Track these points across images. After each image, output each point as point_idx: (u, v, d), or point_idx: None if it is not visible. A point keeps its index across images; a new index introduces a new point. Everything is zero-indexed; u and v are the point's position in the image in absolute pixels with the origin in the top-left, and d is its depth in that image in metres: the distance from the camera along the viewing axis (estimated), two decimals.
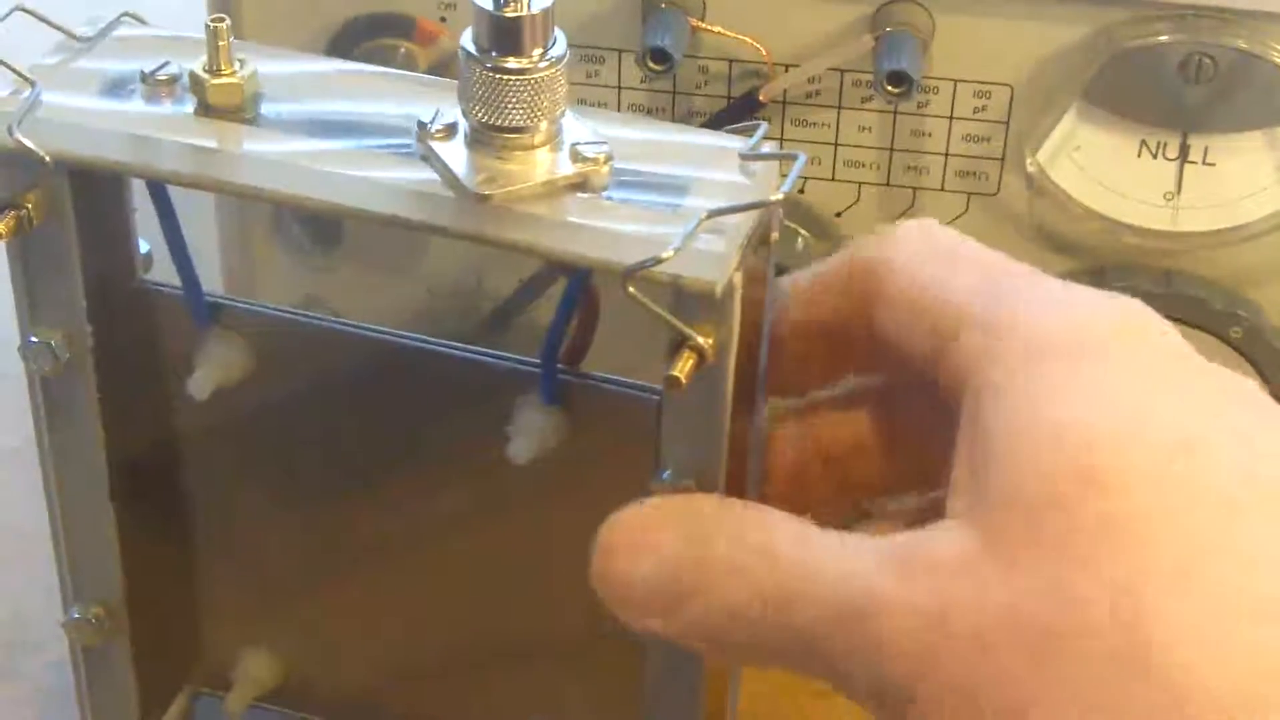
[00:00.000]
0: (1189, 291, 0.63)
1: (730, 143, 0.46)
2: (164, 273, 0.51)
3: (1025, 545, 0.37)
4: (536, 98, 0.44)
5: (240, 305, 0.51)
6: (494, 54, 0.44)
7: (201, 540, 0.55)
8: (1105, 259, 0.64)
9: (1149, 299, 0.62)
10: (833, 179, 0.64)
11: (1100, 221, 0.63)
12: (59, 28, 0.48)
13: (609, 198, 0.44)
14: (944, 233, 0.45)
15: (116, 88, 0.47)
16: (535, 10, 0.44)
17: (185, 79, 0.47)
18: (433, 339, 0.51)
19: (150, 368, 0.52)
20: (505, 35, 0.44)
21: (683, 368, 0.42)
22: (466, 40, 0.45)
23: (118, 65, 0.48)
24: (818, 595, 0.39)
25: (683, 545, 0.42)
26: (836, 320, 0.46)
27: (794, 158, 0.45)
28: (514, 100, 0.44)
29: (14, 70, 0.46)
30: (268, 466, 0.54)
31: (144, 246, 0.51)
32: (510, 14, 0.44)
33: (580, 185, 0.45)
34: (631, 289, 0.42)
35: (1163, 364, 0.40)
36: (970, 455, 0.40)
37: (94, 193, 0.48)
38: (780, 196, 0.44)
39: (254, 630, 0.57)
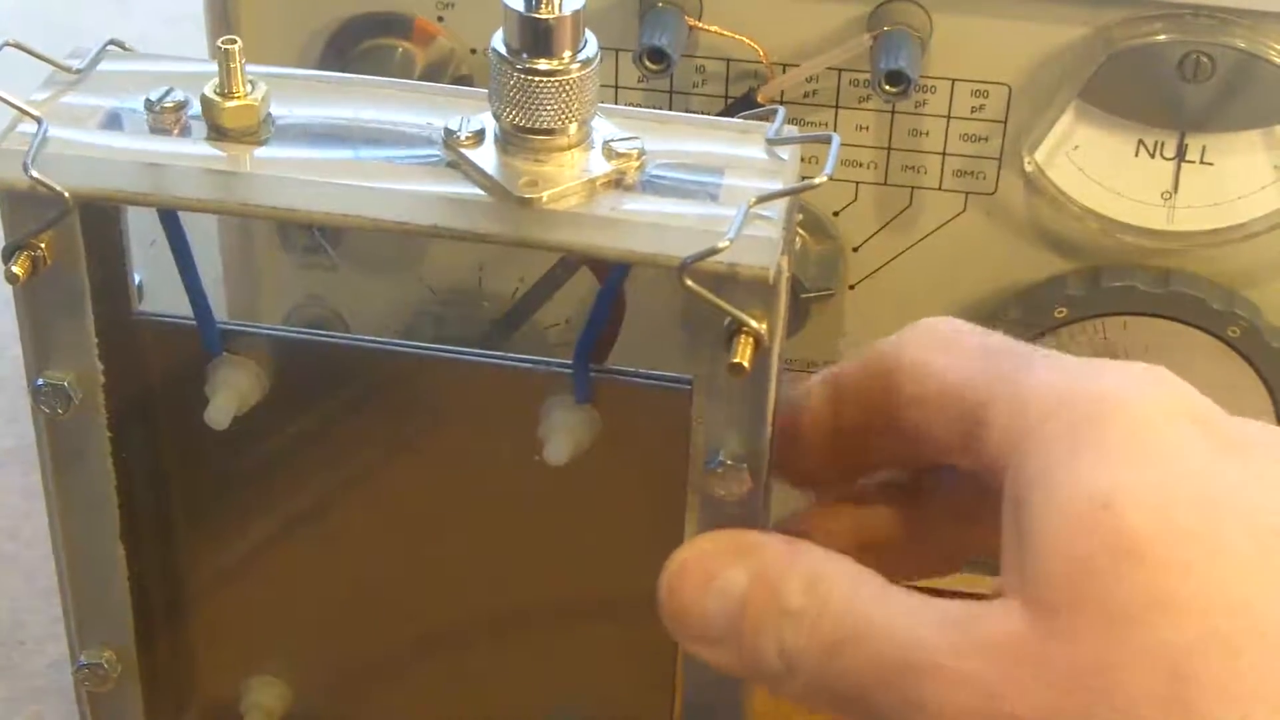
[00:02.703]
0: (1187, 291, 0.63)
1: (750, 129, 0.47)
2: (155, 303, 0.51)
3: (1068, 623, 0.38)
4: (570, 99, 0.45)
5: (253, 330, 0.51)
6: (525, 56, 0.44)
7: (209, 571, 0.55)
8: (1103, 258, 0.64)
9: (1146, 298, 0.63)
10: (830, 178, 0.64)
11: (1098, 221, 0.63)
12: (49, 60, 0.48)
13: (646, 192, 0.45)
14: (943, 324, 0.46)
15: (120, 118, 0.47)
16: (567, 12, 0.44)
17: (191, 105, 0.47)
18: (450, 347, 0.51)
19: (155, 401, 0.51)
20: (538, 37, 0.44)
21: (744, 354, 0.43)
22: (497, 42, 0.45)
23: (116, 95, 0.47)
24: (874, 648, 0.40)
25: (750, 584, 0.43)
26: (858, 424, 0.47)
27: (828, 139, 0.46)
28: (548, 102, 0.44)
29: (17, 106, 0.46)
30: (284, 490, 0.53)
31: (136, 278, 0.51)
32: (543, 15, 0.44)
33: (617, 182, 0.45)
34: (689, 281, 0.42)
35: (1190, 428, 0.40)
36: (1013, 534, 0.40)
37: (97, 227, 0.47)
38: (824, 179, 0.44)
39: (262, 659, 0.56)
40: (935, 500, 0.48)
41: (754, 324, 0.43)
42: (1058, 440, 0.40)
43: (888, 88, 0.59)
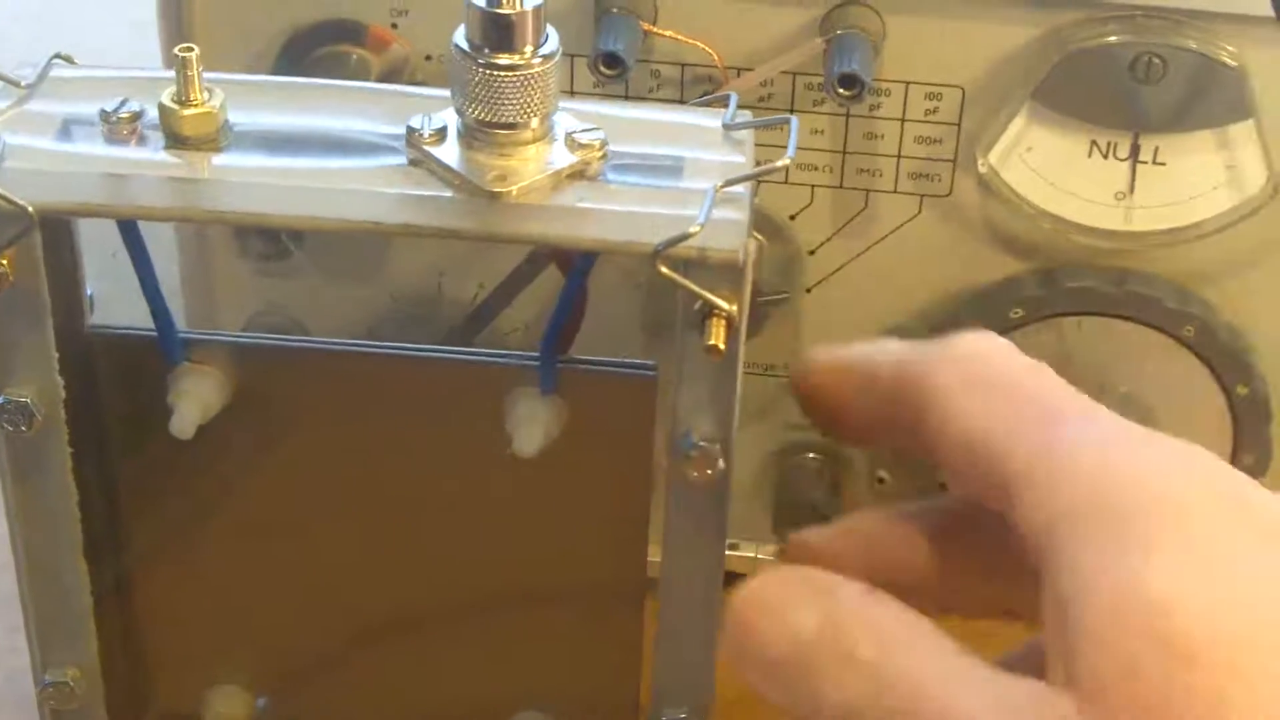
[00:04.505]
0: (1142, 290, 0.63)
1: (705, 117, 0.48)
2: (106, 315, 0.51)
3: None
4: (533, 93, 0.45)
5: (215, 338, 0.51)
6: (488, 51, 0.44)
7: (168, 583, 0.55)
8: (1058, 259, 0.64)
9: (1101, 298, 0.63)
10: (786, 182, 0.64)
11: (1052, 222, 0.63)
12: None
13: (611, 181, 0.45)
14: (978, 351, 0.45)
15: (74, 130, 0.47)
16: (528, 7, 0.44)
17: (147, 114, 0.47)
18: (411, 345, 0.51)
19: (111, 414, 0.51)
20: (500, 32, 0.44)
21: (719, 335, 0.44)
22: (459, 38, 0.45)
23: (68, 107, 0.47)
24: (927, 714, 0.40)
25: (820, 625, 0.42)
26: (878, 419, 0.46)
27: (786, 122, 0.46)
28: (511, 96, 0.45)
29: None
30: (247, 498, 0.53)
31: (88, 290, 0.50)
32: (504, 10, 0.44)
33: (581, 173, 0.46)
34: (663, 267, 0.43)
35: (1233, 517, 0.40)
36: (1058, 626, 0.39)
37: (51, 240, 0.47)
38: (787, 161, 0.45)
39: (224, 668, 0.56)
40: (958, 543, 0.47)
41: (726, 306, 0.44)
42: (1101, 534, 0.39)
43: (841, 91, 0.60)
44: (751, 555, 0.71)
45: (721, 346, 0.44)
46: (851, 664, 0.41)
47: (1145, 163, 0.62)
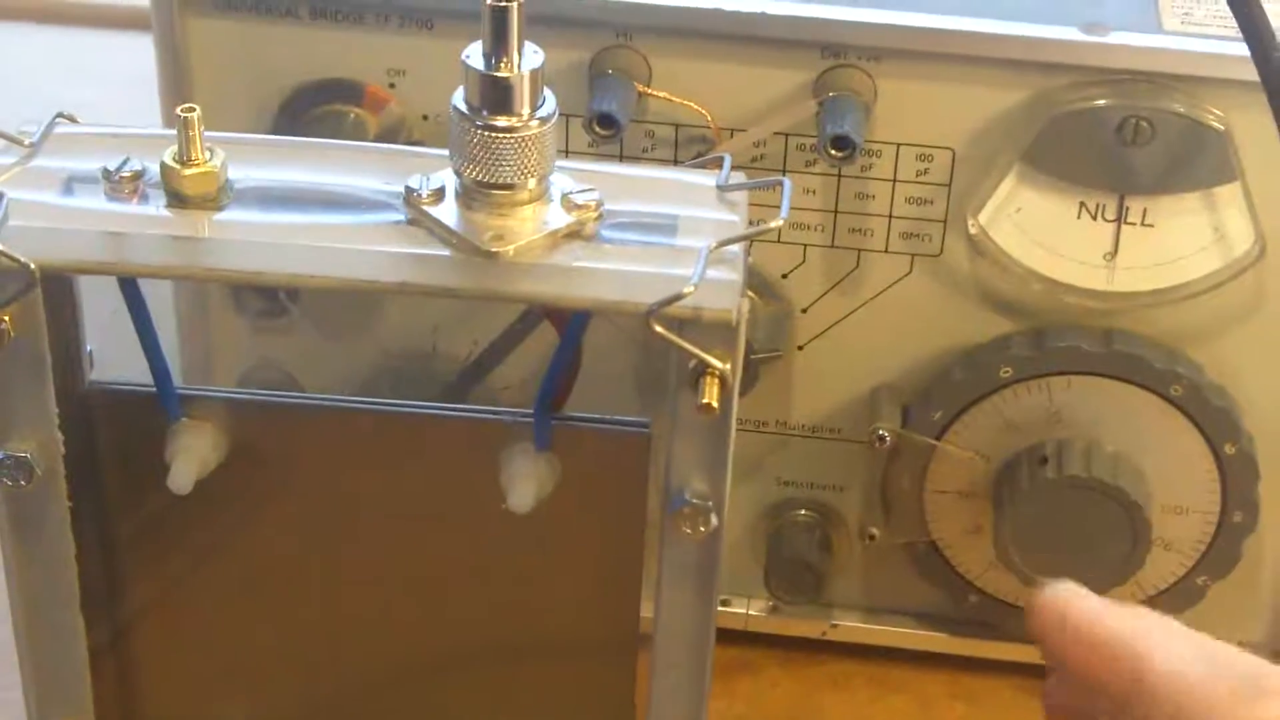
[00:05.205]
0: (1129, 350, 0.64)
1: (699, 178, 0.48)
2: (103, 372, 0.51)
3: None
4: (529, 154, 0.46)
5: (212, 394, 0.52)
6: (486, 113, 0.45)
7: (164, 635, 0.55)
8: (1047, 319, 0.65)
9: (1090, 358, 0.64)
10: (779, 241, 0.65)
11: (1041, 282, 0.64)
12: (3, 134, 0.48)
13: (607, 241, 0.46)
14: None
15: (77, 188, 0.47)
16: (526, 70, 0.45)
17: (149, 173, 0.47)
18: (405, 402, 0.51)
19: (108, 469, 0.52)
20: (498, 94, 0.45)
21: (712, 394, 0.44)
22: (458, 100, 0.46)
23: (72, 165, 0.48)
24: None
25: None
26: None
27: (779, 183, 0.47)
28: (509, 157, 0.45)
29: None
30: (243, 552, 0.53)
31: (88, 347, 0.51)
32: (503, 74, 0.45)
33: (577, 233, 0.46)
34: (658, 326, 0.43)
35: None
36: None
37: (52, 297, 0.48)
38: (780, 222, 0.45)
39: (217, 718, 0.56)
40: None
41: (720, 365, 0.44)
42: None
43: (833, 152, 0.60)
44: (743, 611, 0.72)
45: (715, 405, 0.44)
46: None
47: (1133, 224, 0.63)
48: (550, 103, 0.46)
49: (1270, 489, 0.66)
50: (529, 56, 0.46)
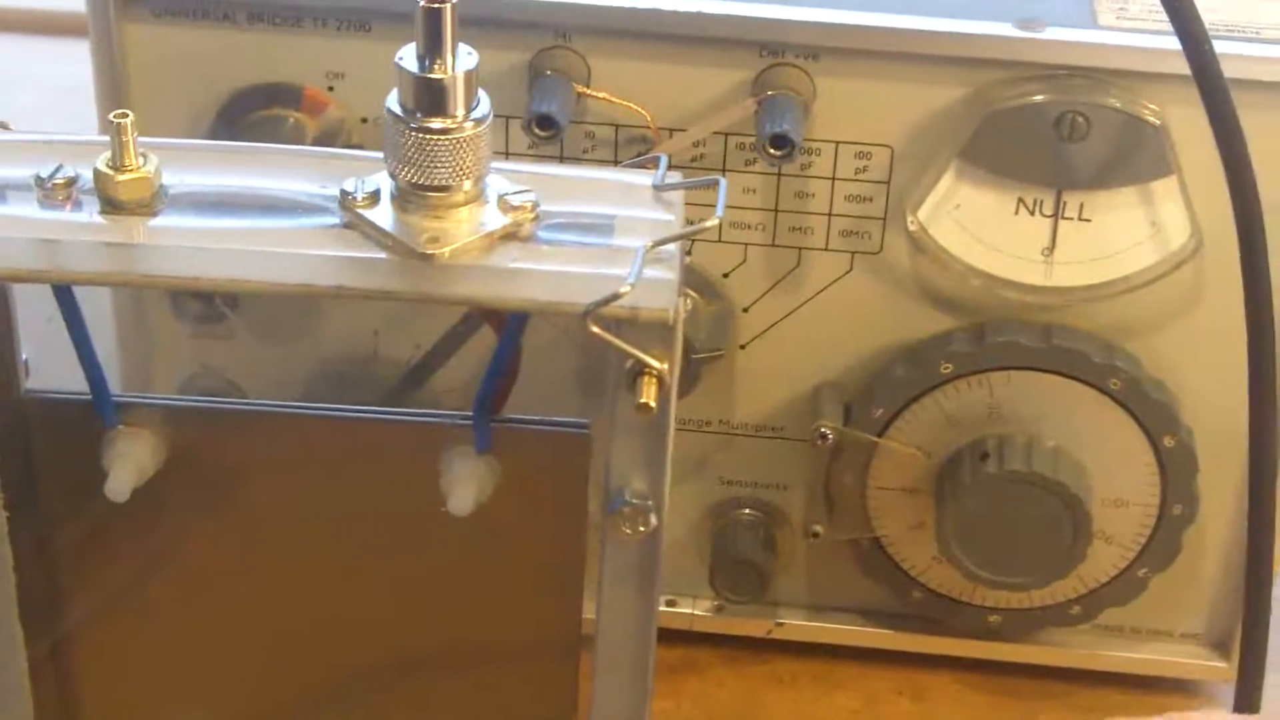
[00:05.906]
0: (1068, 345, 0.64)
1: (636, 178, 0.48)
2: (39, 379, 0.51)
3: None
4: (464, 156, 0.46)
5: (148, 401, 0.51)
6: (420, 115, 0.45)
7: (104, 645, 0.55)
8: (986, 314, 0.65)
9: (1029, 353, 0.64)
10: (719, 240, 0.65)
11: (980, 278, 0.64)
12: None
13: (543, 242, 0.46)
14: None
15: (10, 196, 0.47)
16: (459, 72, 0.45)
17: (82, 179, 0.47)
18: (346, 406, 0.51)
19: (44, 478, 0.51)
20: (432, 96, 0.45)
21: (650, 394, 0.44)
22: (392, 102, 0.46)
23: (3, 173, 0.47)
24: None
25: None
26: None
27: (714, 183, 0.47)
28: (444, 159, 0.45)
29: None
30: (183, 559, 0.53)
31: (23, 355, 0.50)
32: (436, 75, 0.45)
33: (513, 234, 0.46)
34: (594, 326, 0.43)
35: None
36: None
37: None
38: (717, 221, 0.46)
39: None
40: None
41: (657, 365, 0.44)
42: None
43: (773, 151, 0.60)
44: (688, 611, 0.72)
45: (652, 405, 0.44)
46: None
47: (1070, 219, 0.63)
48: (485, 104, 0.46)
49: (1209, 481, 0.67)
50: (463, 58, 0.46)
